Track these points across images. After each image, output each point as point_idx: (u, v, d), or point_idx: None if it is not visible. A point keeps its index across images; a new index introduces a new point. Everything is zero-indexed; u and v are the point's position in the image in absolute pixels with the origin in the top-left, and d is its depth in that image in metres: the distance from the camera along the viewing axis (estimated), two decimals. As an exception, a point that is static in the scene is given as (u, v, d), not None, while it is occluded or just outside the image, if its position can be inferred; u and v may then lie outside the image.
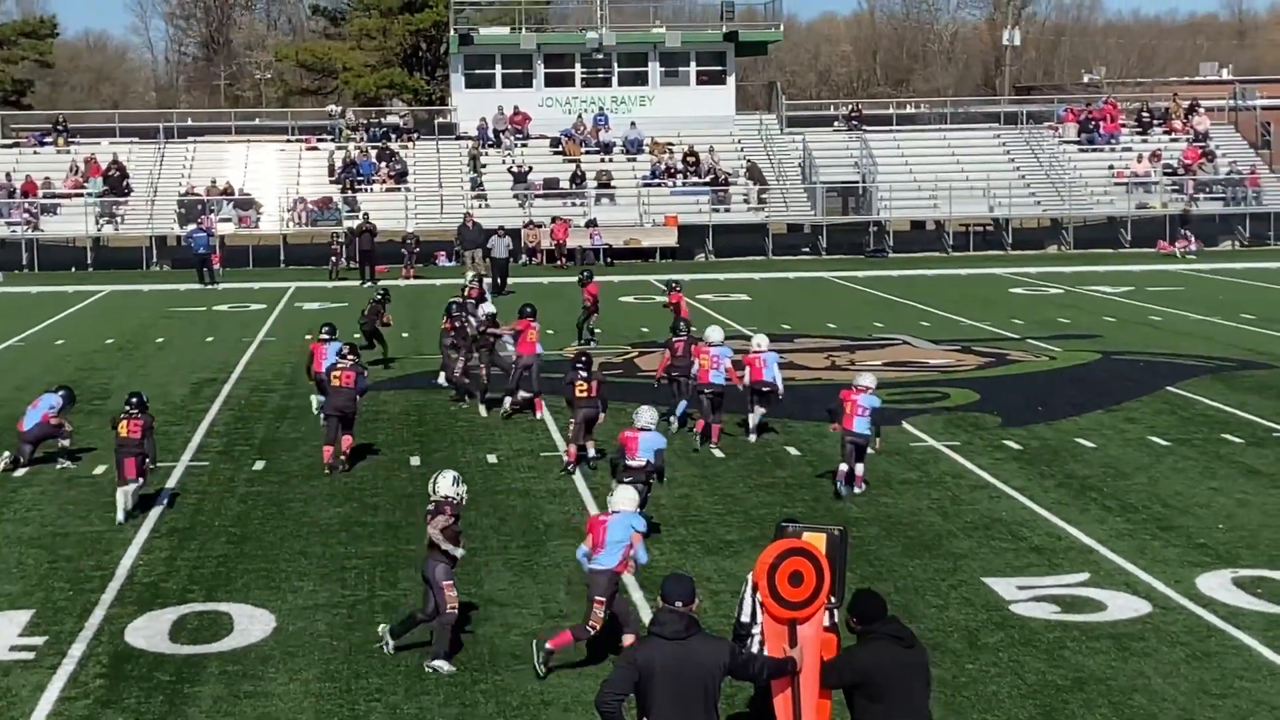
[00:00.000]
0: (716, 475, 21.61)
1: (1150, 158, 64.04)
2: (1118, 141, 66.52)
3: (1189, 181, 62.74)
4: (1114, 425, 24.85)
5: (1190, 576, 16.48)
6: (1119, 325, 37.21)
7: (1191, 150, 64.91)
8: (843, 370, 30.89)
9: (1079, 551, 17.52)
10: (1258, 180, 63.56)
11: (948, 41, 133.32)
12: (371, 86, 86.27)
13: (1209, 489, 20.46)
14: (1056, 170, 63.71)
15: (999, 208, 61.41)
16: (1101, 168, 64.36)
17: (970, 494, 20.34)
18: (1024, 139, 66.41)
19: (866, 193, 61.77)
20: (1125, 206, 61.89)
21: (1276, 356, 31.70)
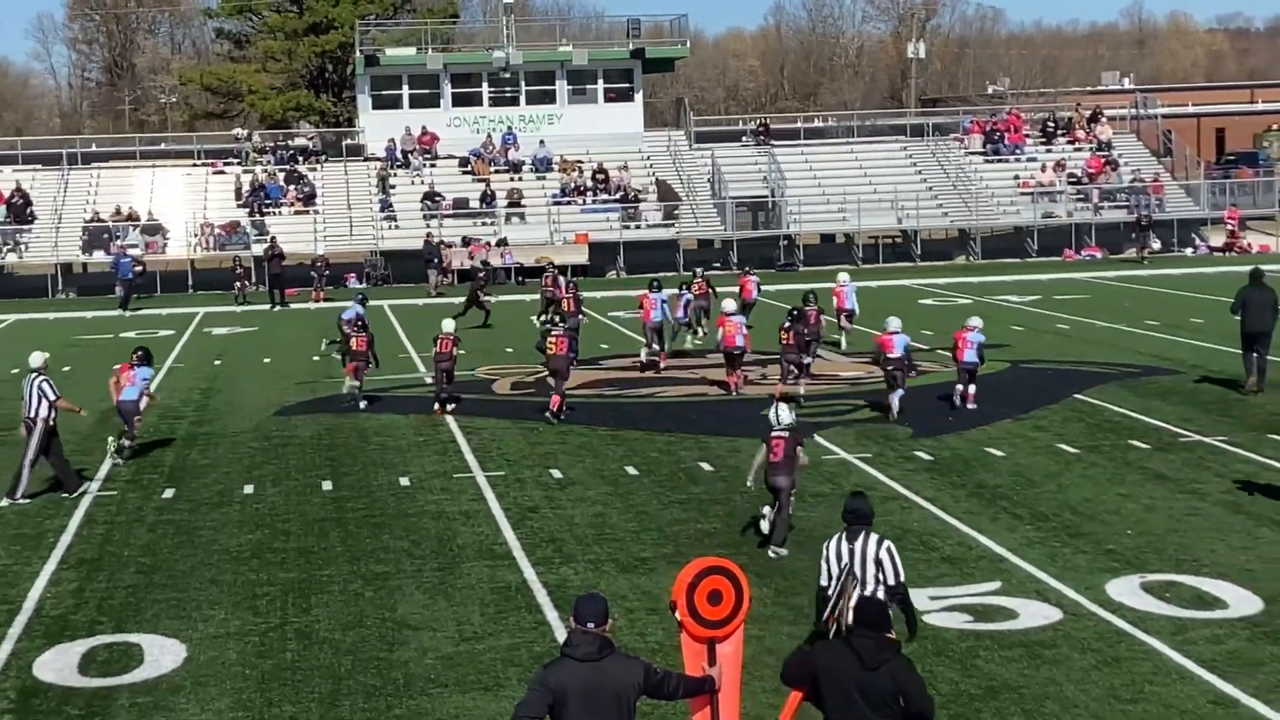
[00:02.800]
0: (631, 492, 21.61)
1: (1055, 167, 64.77)
2: (1022, 152, 67.20)
3: (1094, 190, 63.43)
4: (1023, 434, 25.05)
5: (1100, 583, 16.62)
6: (1027, 334, 37.55)
7: (1095, 159, 65.68)
8: (755, 385, 30.96)
9: (990, 560, 17.63)
10: (1161, 188, 64.34)
11: (854, 55, 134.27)
12: (278, 109, 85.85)
13: (1117, 495, 20.65)
14: (963, 181, 64.29)
15: (907, 219, 61.91)
16: (1007, 178, 64.98)
17: (882, 505, 20.37)
18: (930, 151, 66.98)
19: (776, 207, 62.08)
20: (1031, 216, 62.56)
21: (1181, 362, 32.06)
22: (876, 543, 12.72)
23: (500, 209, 60.26)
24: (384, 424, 27.47)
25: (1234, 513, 19.51)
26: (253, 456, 24.94)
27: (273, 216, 59.55)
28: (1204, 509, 19.75)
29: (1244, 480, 21.19)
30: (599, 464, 23.58)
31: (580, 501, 21.14)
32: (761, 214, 63.06)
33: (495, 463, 23.90)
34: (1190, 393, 28.44)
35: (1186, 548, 17.94)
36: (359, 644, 15.33)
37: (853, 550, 12.75)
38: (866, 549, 12.69)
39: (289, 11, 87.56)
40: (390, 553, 18.70)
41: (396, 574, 17.77)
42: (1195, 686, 13.61)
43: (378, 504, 21.34)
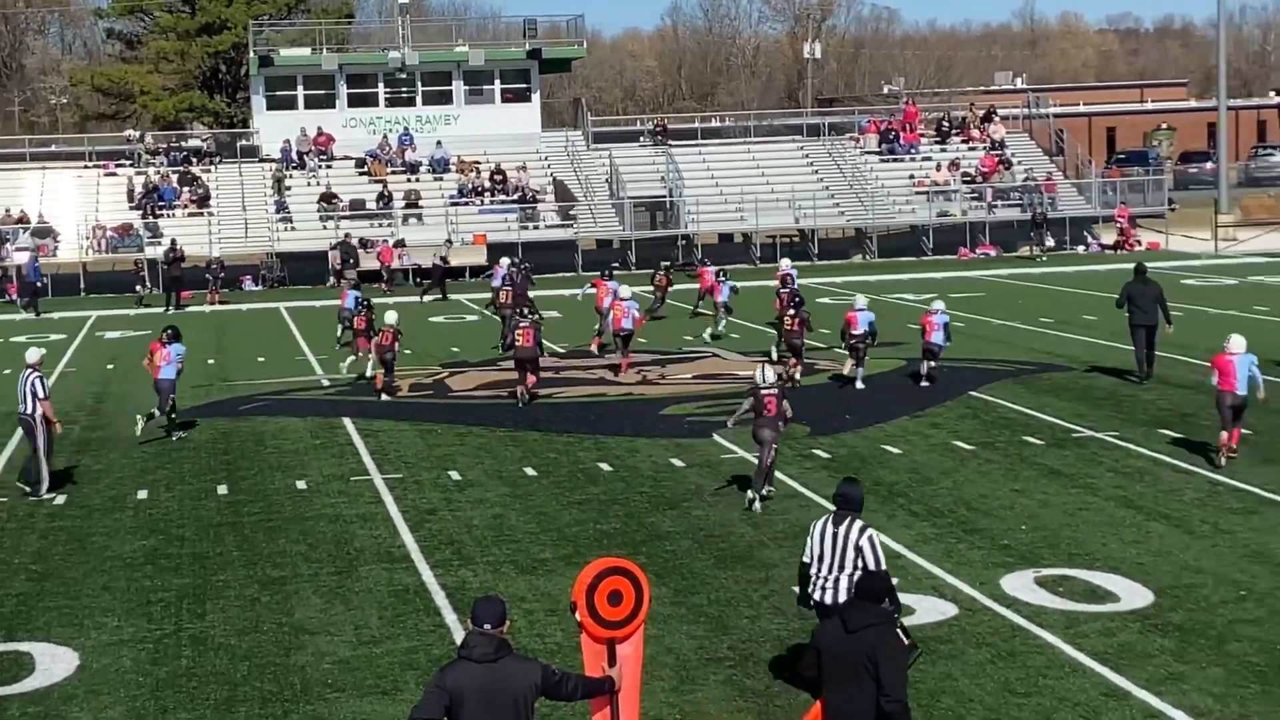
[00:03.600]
0: (529, 494, 21.57)
1: (949, 166, 65.30)
2: (918, 151, 67.69)
3: (988, 189, 64.02)
4: (919, 431, 25.25)
5: (995, 578, 16.78)
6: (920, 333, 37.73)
7: (989, 158, 66.28)
8: (654, 384, 31.03)
9: (887, 557, 17.68)
10: (1054, 186, 65.04)
11: (750, 55, 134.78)
12: (171, 110, 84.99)
13: (1012, 491, 20.86)
14: (859, 181, 64.68)
15: (804, 219, 62.20)
16: (902, 177, 65.42)
17: (780, 504, 20.51)
18: (827, 151, 67.33)
19: (674, 207, 62.17)
20: (926, 215, 62.99)
21: (1074, 359, 32.43)
22: (860, 530, 12.90)
23: (397, 210, 59.97)
24: (280, 427, 27.26)
25: (1125, 507, 19.76)
26: (146, 461, 24.68)
27: (166, 219, 58.92)
28: (1096, 504, 19.98)
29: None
30: (497, 465, 23.53)
31: (479, 503, 21.09)
32: (660, 214, 63.15)
33: (393, 465, 23.79)
34: (1083, 389, 28.77)
35: (1079, 542, 18.15)
36: (255, 649, 15.21)
37: (836, 534, 12.94)
38: (850, 534, 12.89)
39: (181, 12, 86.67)
40: (287, 557, 18.57)
41: (293, 578, 17.64)
42: (1088, 679, 13.77)
43: (274, 508, 21.18)
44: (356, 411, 28.68)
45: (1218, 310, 39.92)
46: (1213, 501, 19.95)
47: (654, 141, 67.49)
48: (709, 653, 14.75)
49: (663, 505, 20.63)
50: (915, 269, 56.50)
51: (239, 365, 35.46)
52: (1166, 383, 29.06)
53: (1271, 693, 13.37)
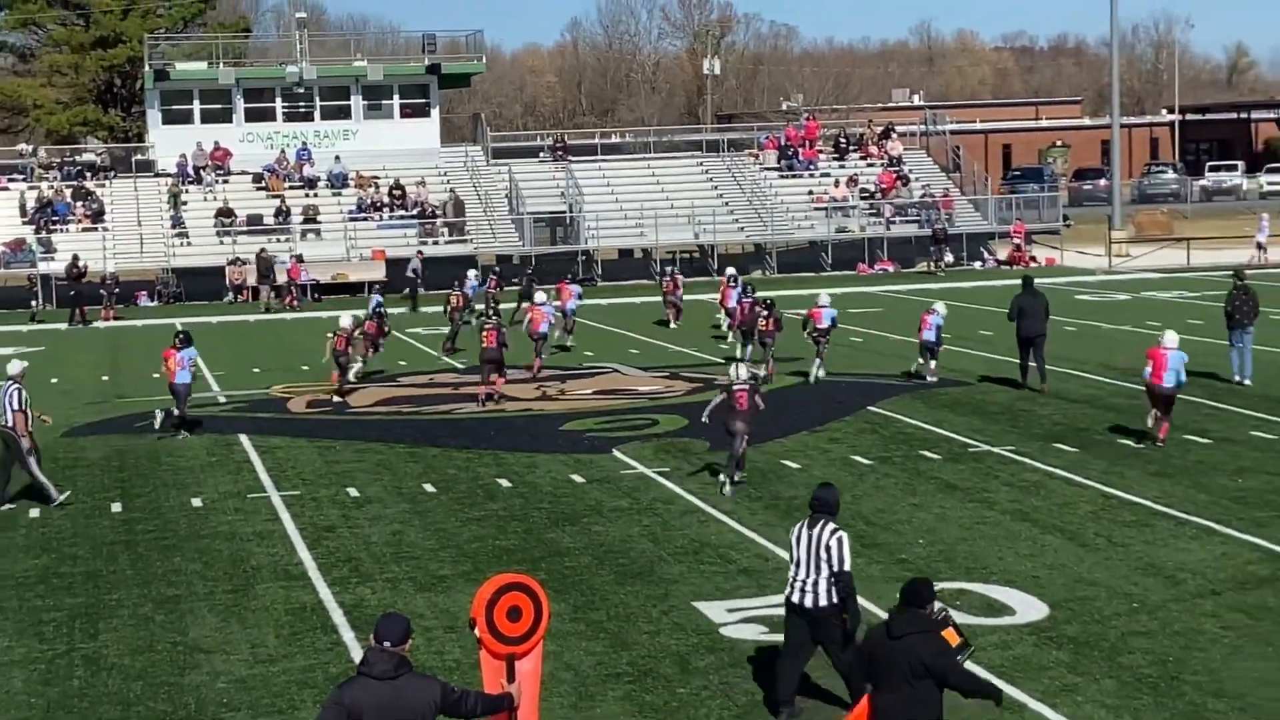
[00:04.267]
0: (429, 510, 21.49)
1: (848, 182, 65.74)
2: (816, 167, 68.09)
3: (886, 205, 64.48)
4: (818, 446, 25.38)
5: (892, 592, 16.79)
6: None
7: (886, 175, 66.80)
8: (554, 400, 31.01)
9: (785, 572, 17.77)
10: (951, 203, 65.60)
11: (651, 71, 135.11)
12: (64, 124, 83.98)
13: (909, 505, 21.00)
14: (758, 196, 64.97)
15: (704, 234, 62.40)
16: (801, 193, 65.79)
17: (680, 519, 20.55)
18: (726, 166, 67.62)
19: (574, 222, 62.20)
20: (825, 231, 63.35)
21: (970, 374, 32.70)
22: (830, 531, 13.15)
23: (296, 225, 59.57)
24: (176, 445, 27.00)
25: (1021, 521, 19.95)
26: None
27: (60, 234, 58.21)
28: (992, 518, 20.16)
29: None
30: (397, 481, 23.42)
31: (378, 520, 20.99)
32: (560, 229, 63.16)
33: (290, 482, 23.62)
34: (979, 404, 29.03)
35: (976, 556, 18.30)
36: (149, 669, 15.04)
37: (810, 536, 13.20)
38: (821, 535, 13.13)
39: (75, 25, 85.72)
40: (182, 575, 18.39)
41: (188, 597, 17.47)
42: (985, 692, 13.86)
43: (169, 526, 20.97)
44: (253, 428, 28.46)
45: (1111, 325, 40.44)
46: (1107, 514, 20.18)
47: (554, 157, 67.48)
48: (608, 669, 14.75)
49: (562, 521, 20.62)
50: (814, 284, 56.68)
51: (134, 382, 35.09)
52: (1061, 397, 29.38)
53: (1164, 704, 13.54)
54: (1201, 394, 28.99)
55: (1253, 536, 18.76)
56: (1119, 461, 23.41)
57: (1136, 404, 28.30)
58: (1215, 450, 24.05)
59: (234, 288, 56.30)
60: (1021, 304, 30.52)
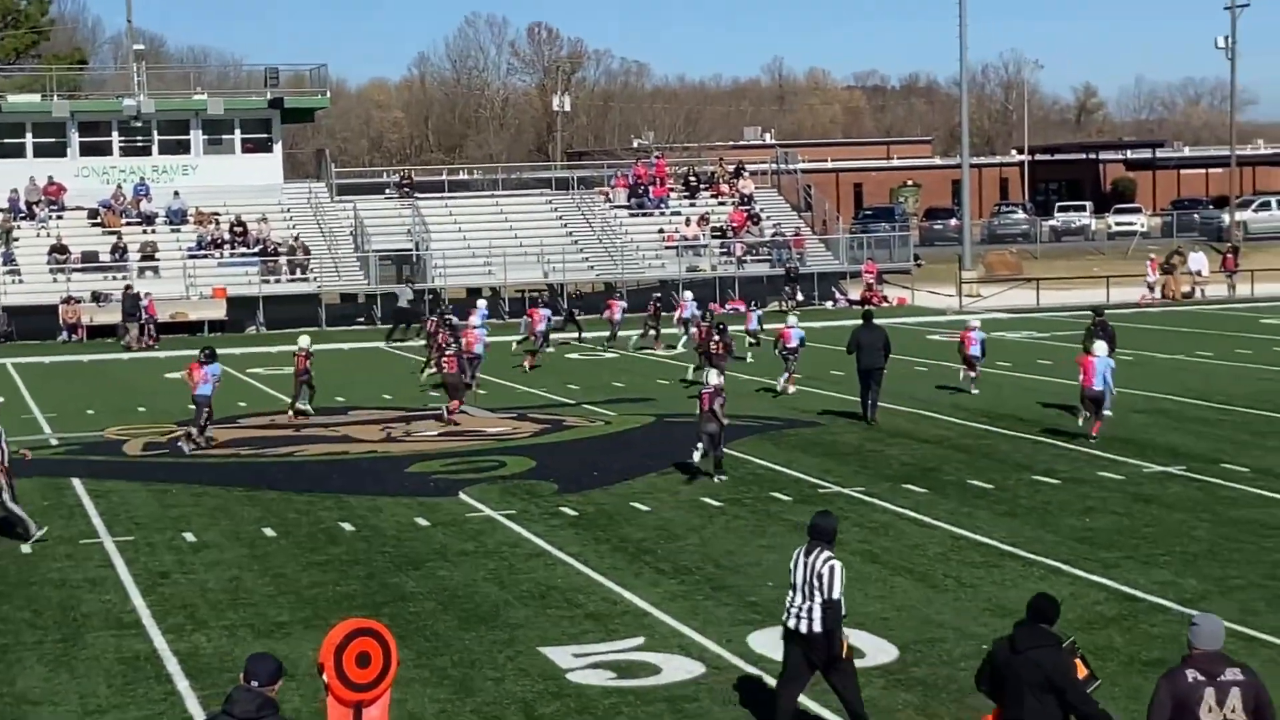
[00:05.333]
0: (268, 555, 21.26)
1: (699, 221, 66.15)
2: (667, 205, 68.49)
3: (737, 244, 64.97)
4: (667, 488, 25.46)
5: (742, 635, 16.95)
6: (671, 388, 38.20)
7: (738, 213, 67.32)
8: (399, 442, 30.85)
9: (634, 615, 17.84)
10: (802, 242, 66.26)
11: (499, 107, 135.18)
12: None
13: (759, 547, 21.12)
14: (608, 235, 65.20)
15: (553, 273, 62.44)
16: (652, 231, 66.16)
17: (527, 562, 20.51)
18: (576, 204, 67.81)
19: (420, 260, 62.00)
20: (676, 269, 63.68)
21: (820, 414, 32.98)
22: (824, 559, 13.29)
23: (133, 262, 58.79)
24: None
25: (870, 562, 20.14)
26: None
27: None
28: (842, 559, 20.19)
29: (881, 529, 21.88)
30: (235, 526, 23.16)
31: (215, 565, 20.73)
32: (406, 267, 62.93)
33: (124, 526, 23.26)
34: (829, 444, 29.30)
35: (825, 598, 18.42)
36: (-26, 722, 14.72)
37: (806, 564, 13.36)
38: (815, 562, 13.29)
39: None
40: (9, 624, 18.02)
41: (16, 646, 17.13)
42: (833, 735, 13.97)
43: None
44: (86, 471, 28.01)
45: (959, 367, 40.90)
46: (956, 555, 20.43)
47: (400, 194, 67.32)
48: (451, 716, 14.67)
49: (406, 565, 20.50)
50: (665, 324, 56.90)
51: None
52: (911, 437, 29.74)
53: (1011, 744, 13.70)
54: (1050, 435, 29.49)
55: (1099, 577, 19.08)
56: (968, 502, 23.73)
57: (986, 443, 28.80)
58: (1063, 490, 24.46)
59: (68, 326, 55.39)
60: (860, 338, 31.53)
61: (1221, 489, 24.28)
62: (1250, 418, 31.23)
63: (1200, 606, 17.13)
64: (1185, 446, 28.06)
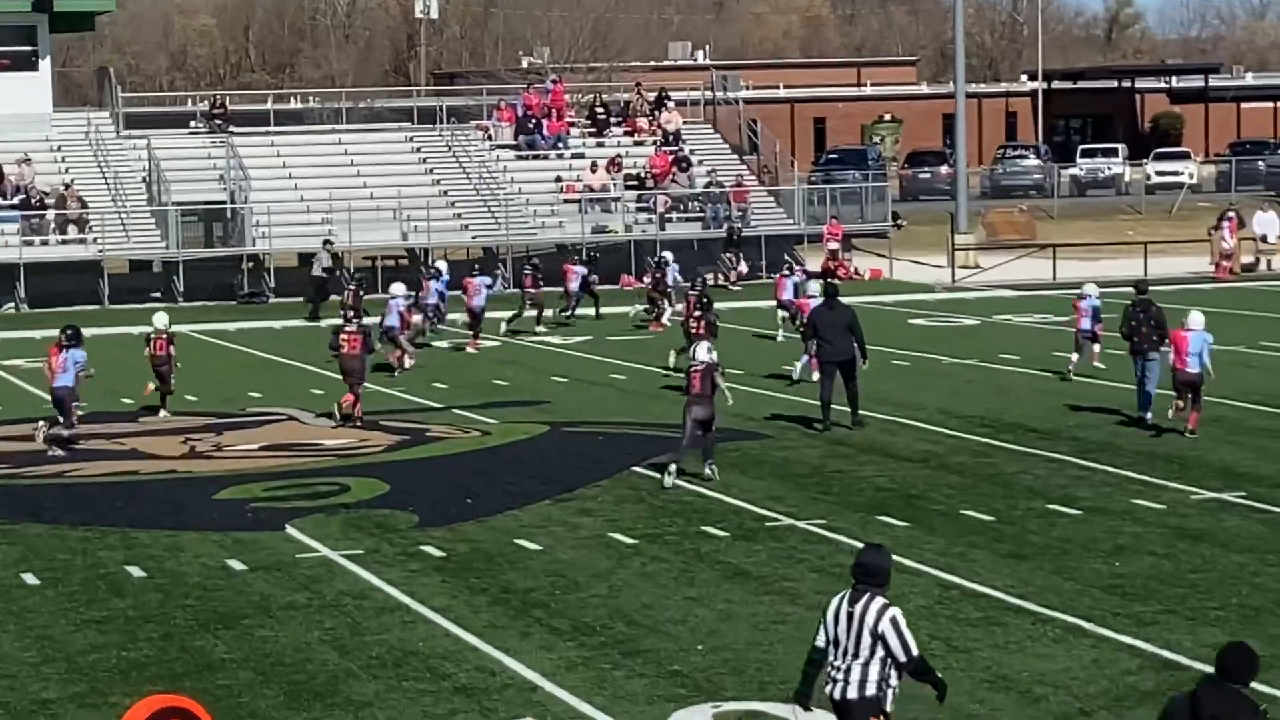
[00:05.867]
0: (28, 610, 21.11)
1: (609, 166, 65.92)
2: (566, 146, 68.34)
3: (660, 198, 64.79)
4: (565, 519, 25.43)
5: (662, 715, 16.95)
6: (571, 387, 38.19)
7: (660, 157, 67.12)
8: (206, 458, 30.68)
9: (519, 690, 17.80)
10: (746, 195, 66.20)
11: (344, 14, 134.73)
12: None
13: (686, 599, 21.11)
14: (489, 185, 64.95)
15: (415, 234, 62.15)
16: (547, 180, 65.97)
17: (377, 620, 20.44)
18: (446, 144, 67.53)
19: (237, 217, 61.65)
20: (579, 230, 63.45)
21: (769, 422, 33.06)
22: (878, 611, 13.19)
23: None
24: None
25: (833, 619, 20.17)
26: None
27: None
28: (796, 615, 20.34)
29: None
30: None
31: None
32: (218, 226, 62.61)
33: None
34: (781, 462, 29.36)
35: (772, 666, 18.43)
36: None
37: (851, 614, 13.24)
38: (866, 616, 13.19)
39: None
40: None
41: None
42: None
43: None
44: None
45: (955, 360, 41.22)
46: (944, 610, 20.50)
47: (210, 128, 66.89)
48: (275, 825, 14.61)
49: (214, 623, 20.39)
50: (560, 302, 56.87)
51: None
52: (888, 453, 29.86)
53: None
54: (1069, 450, 29.70)
55: (1131, 638, 19.19)
56: (961, 539, 23.83)
57: (986, 462, 28.97)
58: (1085, 524, 24.59)
59: None
60: (819, 320, 31.88)
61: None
62: (1331, 429, 31.58)
63: (1264, 678, 17.27)
64: (1246, 466, 28.31)
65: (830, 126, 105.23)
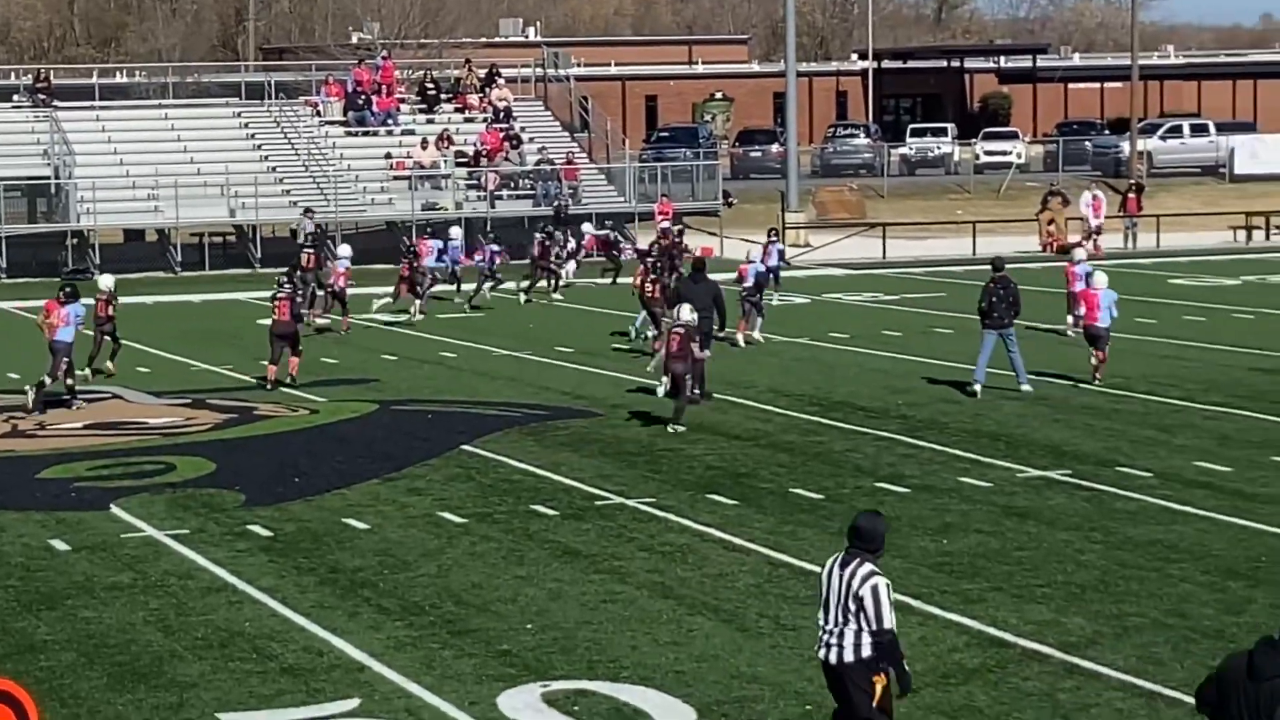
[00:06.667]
0: None
1: (439, 142, 65.82)
2: (396, 122, 68.16)
3: (490, 175, 64.77)
4: (394, 498, 25.36)
5: (491, 695, 16.93)
6: (401, 365, 38.07)
7: (491, 133, 67.14)
8: (29, 437, 30.36)
9: (346, 670, 17.73)
10: (576, 173, 66.27)
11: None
12: None
13: (516, 578, 21.10)
14: (318, 161, 64.66)
15: (243, 211, 61.80)
16: (376, 157, 65.79)
17: (203, 600, 20.30)
18: (275, 119, 67.19)
19: (61, 192, 61.01)
20: (409, 207, 63.32)
21: (600, 401, 33.10)
22: (864, 577, 13.35)
23: None
24: None
25: (662, 598, 20.22)
26: None
27: None
28: (625, 594, 20.38)
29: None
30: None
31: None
32: (41, 202, 61.91)
33: None
34: (611, 441, 29.39)
35: (601, 645, 18.46)
36: None
37: (841, 577, 13.45)
38: (852, 581, 13.38)
39: None
40: None
41: None
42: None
43: None
44: None
45: (786, 338, 41.38)
46: (774, 588, 20.59)
47: (34, 102, 66.17)
48: (98, 808, 14.49)
49: (37, 604, 20.19)
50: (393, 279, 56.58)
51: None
52: (718, 431, 29.96)
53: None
54: (897, 428, 29.91)
55: (959, 615, 19.34)
56: (790, 517, 23.94)
57: (815, 440, 29.12)
58: (913, 502, 24.78)
59: None
60: (683, 291, 32.51)
61: (1117, 500, 24.80)
62: (1154, 407, 31.96)
63: (1089, 653, 17.50)
64: (1071, 444, 28.61)
65: (661, 104, 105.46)
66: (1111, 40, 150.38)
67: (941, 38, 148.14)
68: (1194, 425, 29.99)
